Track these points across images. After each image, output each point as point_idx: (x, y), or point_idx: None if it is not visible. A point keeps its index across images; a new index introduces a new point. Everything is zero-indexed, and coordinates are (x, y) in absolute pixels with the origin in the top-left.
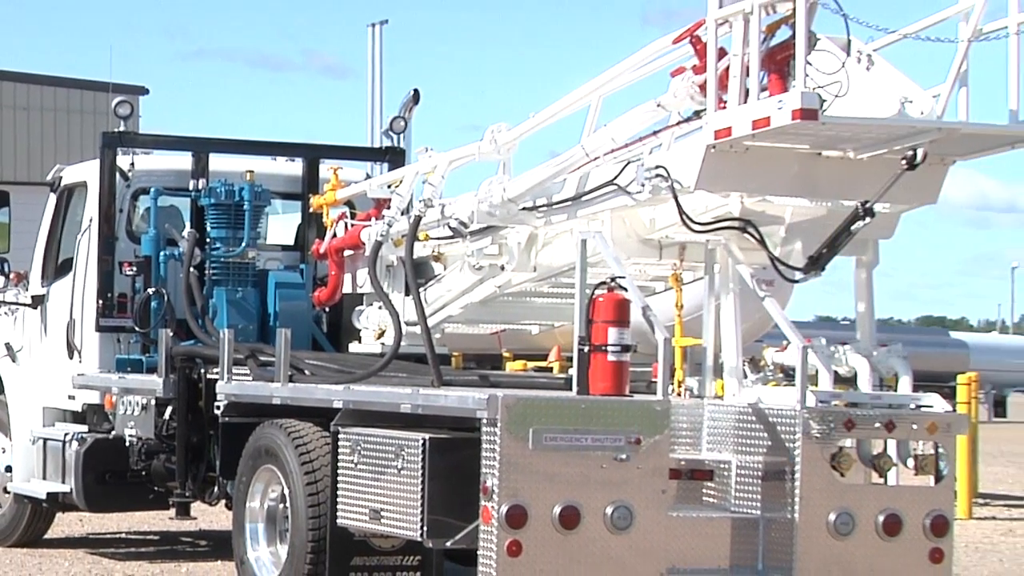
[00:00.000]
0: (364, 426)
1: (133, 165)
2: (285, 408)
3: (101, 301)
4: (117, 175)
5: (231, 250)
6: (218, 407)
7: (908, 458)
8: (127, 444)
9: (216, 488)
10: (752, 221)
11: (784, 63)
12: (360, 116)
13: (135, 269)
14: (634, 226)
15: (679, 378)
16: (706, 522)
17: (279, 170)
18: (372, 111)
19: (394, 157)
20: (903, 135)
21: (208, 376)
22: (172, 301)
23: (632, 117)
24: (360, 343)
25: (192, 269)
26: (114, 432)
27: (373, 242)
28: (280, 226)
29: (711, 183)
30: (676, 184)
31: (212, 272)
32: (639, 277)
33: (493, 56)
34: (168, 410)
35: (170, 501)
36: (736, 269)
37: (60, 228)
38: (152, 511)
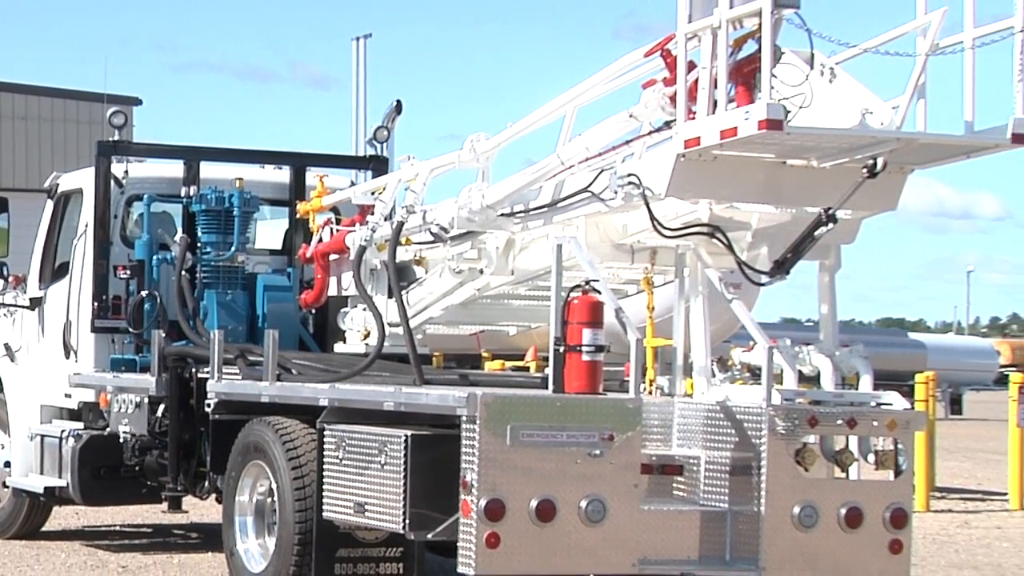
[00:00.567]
0: (349, 423)
1: (127, 173)
2: (273, 406)
3: (96, 303)
4: (112, 182)
5: (221, 254)
6: (208, 405)
7: (869, 453)
8: (121, 440)
9: (207, 483)
10: (720, 227)
11: (751, 76)
12: (345, 126)
13: (129, 272)
14: (607, 231)
15: (650, 377)
16: (676, 515)
17: (267, 177)
18: (356, 121)
19: (378, 165)
20: (864, 145)
21: (199, 375)
22: (164, 303)
23: (605, 127)
24: (345, 344)
25: (184, 272)
26: (109, 429)
27: (357, 247)
28: (268, 231)
29: (681, 190)
30: (647, 191)
31: (203, 275)
32: (612, 280)
33: (472, 69)
34: (160, 408)
35: (162, 495)
36: (705, 273)
37: (57, 233)
38: (145, 505)
